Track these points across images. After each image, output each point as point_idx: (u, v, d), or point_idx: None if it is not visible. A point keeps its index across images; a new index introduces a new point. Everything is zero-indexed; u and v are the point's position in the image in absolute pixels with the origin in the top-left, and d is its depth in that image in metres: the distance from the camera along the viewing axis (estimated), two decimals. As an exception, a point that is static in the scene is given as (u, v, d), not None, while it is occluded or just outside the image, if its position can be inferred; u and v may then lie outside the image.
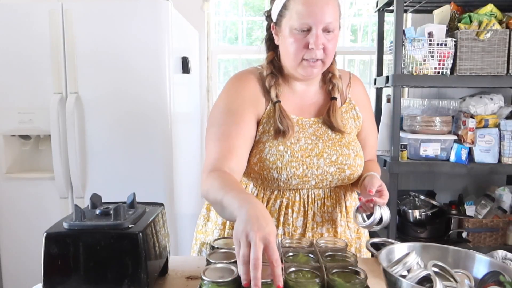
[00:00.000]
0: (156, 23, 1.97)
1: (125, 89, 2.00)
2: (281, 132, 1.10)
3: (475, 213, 2.43)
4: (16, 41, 1.99)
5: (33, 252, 2.05)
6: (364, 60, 3.02)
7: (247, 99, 1.13)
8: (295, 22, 1.05)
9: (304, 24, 1.04)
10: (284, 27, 1.08)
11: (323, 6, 1.03)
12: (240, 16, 2.96)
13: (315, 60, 1.07)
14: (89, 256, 0.77)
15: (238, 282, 0.75)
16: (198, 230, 1.28)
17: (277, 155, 1.10)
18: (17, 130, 2.05)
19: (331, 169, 1.13)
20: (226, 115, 1.12)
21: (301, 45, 1.06)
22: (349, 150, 1.16)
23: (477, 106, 2.25)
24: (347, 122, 1.20)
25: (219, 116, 1.13)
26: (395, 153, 2.20)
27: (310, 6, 1.03)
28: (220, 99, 1.17)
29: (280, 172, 1.10)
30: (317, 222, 1.16)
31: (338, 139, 1.16)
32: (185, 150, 2.38)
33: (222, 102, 1.15)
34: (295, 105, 1.17)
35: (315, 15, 1.03)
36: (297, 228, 1.15)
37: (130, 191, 0.94)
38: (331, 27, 1.05)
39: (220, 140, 1.09)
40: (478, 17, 2.15)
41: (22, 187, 2.08)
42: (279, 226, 1.14)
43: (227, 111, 1.12)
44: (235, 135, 1.08)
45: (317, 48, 1.05)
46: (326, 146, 1.14)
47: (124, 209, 0.83)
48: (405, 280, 0.75)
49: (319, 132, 1.16)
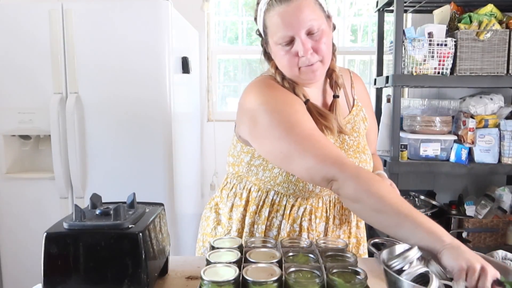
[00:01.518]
0: (156, 23, 1.97)
1: (125, 89, 2.00)
2: (327, 128, 1.06)
3: (475, 213, 2.43)
4: (16, 41, 1.99)
5: (33, 252, 2.05)
6: (364, 60, 3.02)
7: (288, 101, 1.05)
8: (277, 37, 1.03)
9: (285, 37, 1.02)
10: (271, 44, 1.07)
11: (296, 14, 1.00)
12: (240, 16, 2.96)
13: (312, 64, 1.04)
14: (89, 256, 0.77)
15: (238, 282, 0.75)
16: (206, 232, 1.24)
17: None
18: (17, 130, 2.05)
19: None
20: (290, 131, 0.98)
21: (292, 56, 1.03)
22: (366, 155, 1.16)
23: (477, 106, 2.25)
24: (359, 127, 1.19)
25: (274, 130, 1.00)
26: (395, 153, 2.20)
27: (284, 18, 1.01)
28: (265, 117, 1.02)
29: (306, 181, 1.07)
30: (336, 225, 1.16)
31: (356, 145, 1.15)
32: (185, 150, 2.38)
33: (276, 120, 1.01)
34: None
35: (292, 25, 1.00)
36: (320, 233, 1.14)
37: (130, 191, 0.94)
38: (314, 29, 1.01)
39: (308, 141, 0.97)
40: (478, 17, 2.15)
41: (22, 187, 2.08)
42: (302, 231, 1.12)
43: (289, 126, 0.99)
44: (317, 132, 1.00)
45: (306, 55, 1.02)
46: (349, 155, 1.13)
47: (124, 209, 0.83)
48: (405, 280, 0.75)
49: (337, 143, 1.13)
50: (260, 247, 0.92)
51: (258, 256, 0.85)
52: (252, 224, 1.15)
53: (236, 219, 1.17)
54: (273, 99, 1.05)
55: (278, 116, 1.01)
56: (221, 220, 1.22)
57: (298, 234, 1.13)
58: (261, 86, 1.10)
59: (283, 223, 1.13)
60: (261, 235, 1.13)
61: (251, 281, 0.73)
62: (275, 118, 1.01)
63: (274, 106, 1.03)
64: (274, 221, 1.14)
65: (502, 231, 2.37)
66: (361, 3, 2.94)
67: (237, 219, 1.17)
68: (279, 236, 1.13)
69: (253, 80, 1.15)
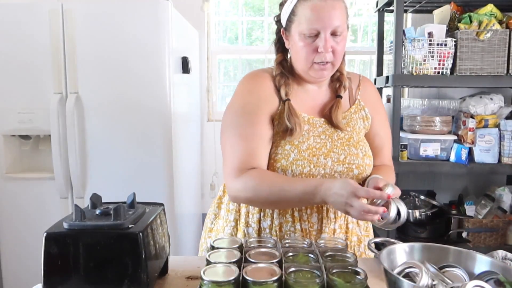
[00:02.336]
0: (156, 23, 1.97)
1: (125, 89, 2.00)
2: (289, 130, 1.11)
3: (475, 213, 2.43)
4: (16, 41, 1.99)
5: (33, 252, 2.05)
6: (364, 60, 3.02)
7: (262, 98, 1.14)
8: (303, 27, 1.08)
9: (312, 30, 1.07)
10: (294, 32, 1.11)
11: (330, 11, 1.06)
12: (240, 16, 2.96)
13: (325, 63, 1.10)
14: (89, 256, 0.77)
15: (238, 282, 0.75)
16: (207, 228, 1.28)
17: (282, 154, 1.11)
18: (17, 130, 2.05)
19: (339, 169, 1.13)
20: (242, 116, 1.13)
21: (311, 49, 1.09)
22: (357, 150, 1.16)
23: (477, 106, 2.25)
24: (356, 123, 1.21)
25: (234, 117, 1.14)
26: (395, 153, 2.20)
27: (317, 12, 1.06)
28: (234, 100, 1.17)
29: (285, 171, 1.10)
30: (331, 218, 1.16)
31: (347, 138, 1.17)
32: (185, 150, 2.38)
33: (237, 103, 1.16)
34: (307, 105, 1.19)
35: (323, 20, 1.06)
36: (313, 224, 1.16)
37: (130, 191, 0.94)
38: (339, 31, 1.08)
39: (238, 143, 1.10)
40: (478, 17, 2.15)
41: (22, 187, 2.08)
42: (295, 222, 1.14)
43: (242, 112, 1.13)
44: (255, 137, 1.10)
45: (326, 52, 1.08)
46: (335, 145, 1.15)
47: (124, 209, 0.83)
48: (406, 280, 0.75)
49: (328, 132, 1.16)
50: (260, 247, 0.92)
51: (258, 256, 0.85)
52: (247, 213, 1.18)
53: (234, 209, 1.21)
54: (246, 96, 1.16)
55: (235, 108, 1.15)
56: (221, 214, 1.25)
57: (291, 225, 1.14)
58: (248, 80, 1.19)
59: (275, 212, 1.15)
60: (256, 225, 1.16)
61: (251, 281, 0.73)
62: (233, 107, 1.16)
63: (240, 99, 1.16)
64: (267, 211, 1.16)
65: (502, 231, 2.37)
66: (361, 3, 2.94)
67: (234, 209, 1.21)
68: (273, 225, 1.15)
69: (251, 72, 1.22)
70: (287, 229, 1.14)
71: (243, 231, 1.18)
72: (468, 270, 0.85)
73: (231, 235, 1.19)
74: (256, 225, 1.17)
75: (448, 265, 0.86)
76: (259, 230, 1.16)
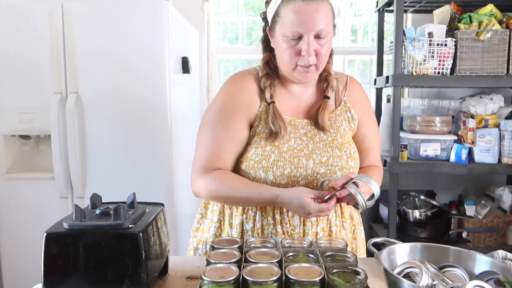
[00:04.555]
0: (156, 23, 1.97)
1: (125, 89, 1.99)
2: (273, 133, 1.11)
3: (475, 213, 2.42)
4: (16, 41, 1.99)
5: (33, 252, 2.05)
6: (364, 60, 3.02)
7: (241, 101, 1.15)
8: (286, 30, 1.06)
9: (295, 33, 1.05)
10: (277, 33, 1.10)
11: (313, 14, 1.03)
12: (240, 16, 2.96)
13: (308, 66, 1.09)
14: (89, 256, 0.77)
15: (238, 282, 0.75)
16: (194, 228, 1.29)
17: (262, 155, 1.11)
18: (17, 130, 2.05)
19: (321, 170, 1.12)
20: (217, 118, 1.16)
21: (294, 52, 1.08)
22: (341, 152, 1.15)
23: (477, 106, 2.25)
24: (340, 124, 1.19)
25: (211, 117, 1.17)
26: (395, 153, 2.20)
27: (300, 15, 1.04)
28: (215, 100, 1.19)
29: (266, 172, 1.10)
30: (312, 221, 1.15)
31: (330, 140, 1.16)
32: (185, 150, 2.38)
33: (216, 104, 1.18)
34: (290, 106, 1.18)
35: (306, 24, 1.04)
36: (295, 227, 1.14)
37: (130, 191, 0.94)
38: (323, 34, 1.06)
39: (209, 143, 1.14)
40: (478, 17, 2.15)
41: (22, 187, 2.08)
42: (276, 225, 1.14)
43: (219, 113, 1.16)
44: (223, 139, 1.13)
45: (309, 55, 1.06)
46: (317, 147, 1.14)
47: (124, 209, 0.83)
48: (406, 280, 0.75)
49: (311, 133, 1.16)
50: (260, 247, 0.92)
51: (258, 256, 0.85)
52: (231, 215, 1.18)
53: (217, 210, 1.21)
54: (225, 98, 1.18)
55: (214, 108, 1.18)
56: (207, 214, 1.25)
57: (273, 227, 1.14)
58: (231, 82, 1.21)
59: (257, 214, 1.15)
60: (239, 227, 1.16)
61: (251, 281, 0.73)
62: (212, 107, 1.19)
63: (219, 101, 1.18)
64: (250, 213, 1.16)
65: (502, 231, 2.37)
66: (361, 3, 2.94)
67: (218, 210, 1.21)
68: (255, 228, 1.15)
69: (236, 73, 1.23)
70: (269, 231, 1.14)
71: (226, 232, 1.18)
72: (468, 270, 0.85)
73: (215, 236, 1.19)
74: (239, 227, 1.16)
75: (448, 265, 0.86)
76: (241, 232, 1.16)
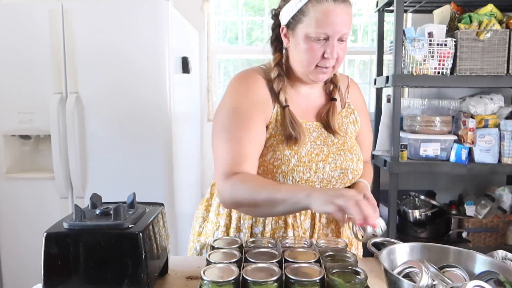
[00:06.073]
0: (156, 23, 1.97)
1: (125, 89, 1.99)
2: (293, 138, 1.08)
3: (475, 213, 2.43)
4: (16, 41, 1.99)
5: (33, 252, 2.04)
6: (364, 60, 3.02)
7: (255, 101, 1.09)
8: (312, 30, 1.03)
9: (322, 34, 1.03)
10: (299, 32, 1.06)
11: (343, 17, 1.03)
12: (240, 16, 2.96)
13: (327, 67, 1.07)
14: (89, 256, 0.77)
15: (238, 282, 0.75)
16: (195, 232, 1.25)
17: (282, 159, 1.08)
18: (17, 130, 2.05)
19: (336, 174, 1.12)
20: (234, 119, 1.08)
21: (316, 53, 1.05)
22: (352, 154, 1.15)
23: (477, 106, 2.25)
24: (347, 127, 1.20)
25: (227, 120, 1.09)
26: (395, 153, 2.20)
27: (330, 16, 1.02)
28: (226, 101, 1.12)
29: (286, 177, 1.08)
30: (323, 224, 1.15)
31: (341, 143, 1.16)
32: (185, 150, 2.38)
33: (229, 104, 1.10)
34: (300, 108, 1.15)
35: (334, 26, 1.02)
36: (306, 231, 1.14)
37: (130, 191, 0.94)
38: (345, 37, 1.05)
39: (231, 146, 1.06)
40: (478, 17, 2.15)
41: (22, 187, 2.08)
42: (288, 228, 1.12)
43: (235, 114, 1.08)
44: (246, 141, 1.06)
45: (332, 58, 1.05)
46: (331, 151, 1.13)
47: (124, 209, 0.83)
48: (406, 280, 0.75)
49: (323, 137, 1.15)
50: (260, 247, 0.92)
51: (258, 256, 0.85)
52: (239, 219, 1.15)
53: (224, 213, 1.18)
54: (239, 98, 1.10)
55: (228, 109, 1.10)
56: (210, 217, 1.22)
57: (284, 231, 1.13)
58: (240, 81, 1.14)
59: (268, 218, 1.13)
60: (248, 231, 1.14)
61: (251, 281, 0.73)
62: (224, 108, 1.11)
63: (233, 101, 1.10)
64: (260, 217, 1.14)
65: (502, 231, 2.37)
66: (361, 3, 2.94)
67: (225, 214, 1.18)
68: (265, 231, 1.13)
69: (242, 71, 1.17)
70: (279, 235, 1.12)
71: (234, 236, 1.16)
72: (468, 270, 0.85)
73: None
74: (247, 230, 1.14)
75: (448, 265, 0.86)
76: (250, 236, 1.14)
